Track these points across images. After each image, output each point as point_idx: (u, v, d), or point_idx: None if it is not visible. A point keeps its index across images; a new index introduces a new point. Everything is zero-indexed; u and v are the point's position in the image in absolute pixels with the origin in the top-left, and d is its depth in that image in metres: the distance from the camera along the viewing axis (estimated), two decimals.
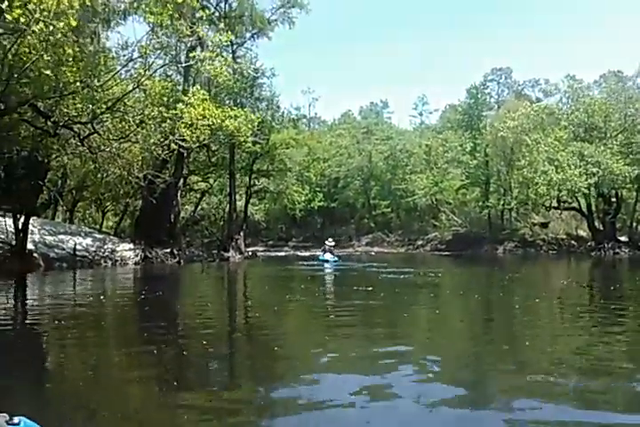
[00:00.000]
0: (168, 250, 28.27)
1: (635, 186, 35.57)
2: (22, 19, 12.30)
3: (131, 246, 27.60)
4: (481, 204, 42.00)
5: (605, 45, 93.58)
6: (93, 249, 25.72)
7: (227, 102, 27.47)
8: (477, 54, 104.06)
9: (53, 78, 13.96)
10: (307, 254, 35.83)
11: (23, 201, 20.91)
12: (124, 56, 16.26)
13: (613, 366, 6.35)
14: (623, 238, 36.65)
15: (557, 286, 16.32)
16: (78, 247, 24.55)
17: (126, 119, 16.53)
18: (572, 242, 38.71)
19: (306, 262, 27.97)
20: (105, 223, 37.69)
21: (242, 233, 34.96)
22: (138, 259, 26.95)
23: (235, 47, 30.99)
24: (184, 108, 17.87)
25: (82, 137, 16.45)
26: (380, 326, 8.99)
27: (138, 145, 19.01)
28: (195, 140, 19.00)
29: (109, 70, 15.35)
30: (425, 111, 70.04)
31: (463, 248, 38.36)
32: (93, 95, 14.88)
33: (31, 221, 22.26)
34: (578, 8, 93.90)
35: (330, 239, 32.71)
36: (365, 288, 14.50)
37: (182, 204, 34.18)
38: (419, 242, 45.10)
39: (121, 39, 16.35)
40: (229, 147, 31.41)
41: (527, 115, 35.77)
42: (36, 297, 14.19)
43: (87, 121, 15.63)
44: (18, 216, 21.19)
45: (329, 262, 27.42)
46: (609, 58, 78.06)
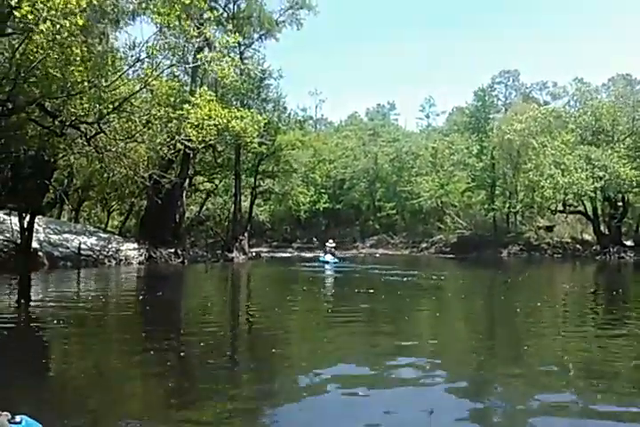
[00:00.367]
0: (172, 250, 28.33)
1: None
2: (30, 16, 12.34)
3: (135, 246, 27.67)
4: (486, 206, 41.89)
5: (613, 45, 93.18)
6: (98, 248, 25.80)
7: (234, 103, 27.50)
8: (485, 56, 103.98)
9: (61, 78, 13.98)
10: (311, 256, 35.81)
11: (29, 200, 20.87)
12: (132, 56, 16.29)
13: (615, 369, 6.32)
14: (629, 243, 36.48)
15: (560, 290, 16.25)
16: (83, 246, 24.61)
17: (133, 119, 16.50)
18: (578, 246, 38.53)
19: (307, 264, 28.04)
20: (110, 223, 37.77)
21: (246, 234, 34.99)
22: (142, 258, 27.02)
23: (242, 48, 31.04)
24: (190, 108, 17.87)
25: (88, 137, 16.42)
26: (380, 329, 8.97)
27: (144, 145, 18.98)
28: (201, 140, 18.94)
29: (117, 70, 15.34)
30: (432, 113, 70.01)
31: (468, 251, 38.25)
32: (100, 95, 14.86)
33: (36, 219, 22.24)
34: (584, 8, 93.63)
35: (330, 241, 32.87)
36: (367, 290, 14.47)
37: (187, 204, 34.23)
38: (423, 244, 45.02)
39: (129, 39, 16.35)
40: (235, 147, 31.47)
41: (534, 118, 35.65)
42: (40, 296, 14.26)
43: (94, 121, 15.60)
44: (23, 215, 21.19)
45: (329, 264, 27.61)
46: (616, 57, 77.30)
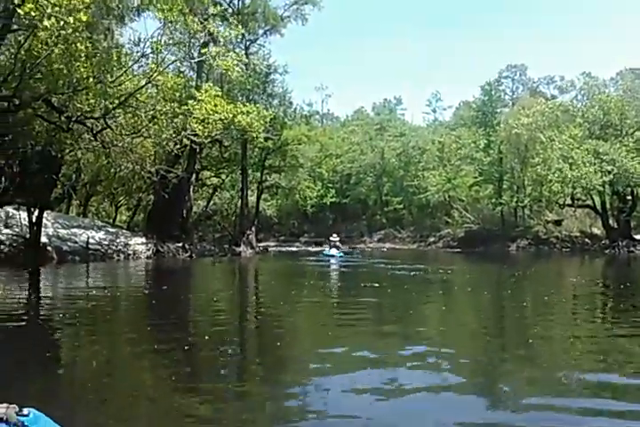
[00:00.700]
0: (180, 244, 28.51)
1: None
2: (34, 13, 12.45)
3: (143, 240, 27.85)
4: (494, 201, 41.75)
5: (615, 45, 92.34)
6: (106, 243, 25.99)
7: (239, 98, 27.53)
8: (487, 54, 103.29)
9: (66, 73, 14.13)
10: (318, 250, 35.90)
11: (37, 195, 21.16)
12: (137, 52, 16.40)
13: (623, 362, 6.34)
14: (638, 237, 36.26)
15: (569, 284, 16.20)
16: (91, 241, 24.79)
17: (138, 114, 16.66)
18: (586, 240, 38.36)
19: (313, 258, 28.19)
20: (118, 217, 38.01)
21: (253, 228, 35.11)
22: (150, 253, 27.19)
23: (248, 44, 31.09)
24: (196, 103, 17.97)
25: (95, 132, 16.61)
26: (385, 323, 9.01)
27: (150, 140, 19.17)
28: (207, 135, 19.11)
29: (122, 66, 15.46)
30: (439, 108, 69.77)
31: (475, 245, 38.19)
32: (106, 90, 14.99)
33: (45, 214, 22.54)
34: (584, 8, 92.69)
35: (335, 235, 33.09)
36: (373, 284, 14.50)
37: (194, 199, 34.38)
38: (431, 239, 44.99)
39: (134, 35, 16.47)
40: (242, 142, 31.55)
41: (542, 112, 35.46)
42: (50, 290, 14.39)
43: (100, 116, 15.77)
44: (32, 210, 21.47)
45: (334, 257, 27.78)
46: (619, 57, 76.92)
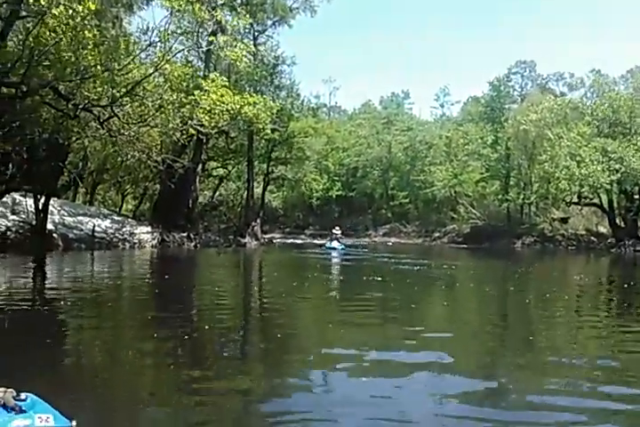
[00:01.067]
0: (185, 234, 28.61)
1: None
2: (43, 1, 12.48)
3: (149, 229, 27.97)
4: (500, 197, 41.59)
5: (623, 43, 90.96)
6: (112, 231, 26.12)
7: (247, 89, 27.46)
8: (501, 46, 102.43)
9: (74, 61, 14.15)
10: (322, 243, 35.94)
11: (44, 182, 21.27)
12: (145, 41, 16.40)
13: (625, 360, 6.36)
14: None
15: (571, 282, 16.16)
16: (97, 229, 24.93)
17: (145, 104, 16.66)
18: (592, 238, 38.14)
19: (316, 250, 28.42)
20: (124, 206, 38.13)
21: (259, 220, 35.18)
22: (155, 242, 27.32)
23: (256, 34, 31.01)
24: (202, 94, 17.95)
25: (102, 120, 16.63)
26: (387, 317, 9.01)
27: (157, 129, 19.19)
28: (213, 125, 19.10)
29: (130, 54, 15.46)
30: (447, 103, 69.32)
31: (481, 241, 38.08)
32: (113, 79, 15.02)
33: (51, 202, 22.67)
34: (596, 6, 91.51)
35: (337, 228, 33.56)
36: (376, 278, 14.53)
37: (200, 189, 34.47)
38: (436, 234, 44.85)
39: (142, 24, 16.46)
40: (248, 134, 31.54)
41: (550, 109, 35.19)
42: (55, 277, 14.50)
43: (107, 104, 15.79)
44: (39, 197, 21.60)
45: (335, 250, 28.26)
46: (630, 54, 75.84)
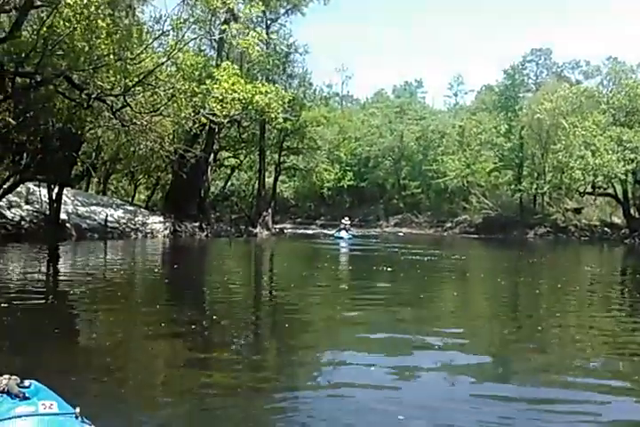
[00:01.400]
0: (197, 224, 28.75)
1: None
2: None
3: (161, 219, 28.13)
4: (513, 187, 41.30)
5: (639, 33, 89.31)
6: (124, 221, 26.29)
7: (259, 78, 27.39)
8: (516, 34, 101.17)
9: (87, 50, 14.19)
10: (333, 232, 36.05)
11: (57, 172, 21.42)
12: (158, 30, 16.38)
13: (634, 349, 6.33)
14: None
15: (584, 273, 16.05)
16: (110, 219, 25.09)
17: (157, 93, 16.70)
18: (606, 229, 37.84)
19: (326, 241, 28.91)
20: (137, 196, 38.36)
21: (270, 210, 35.26)
22: (167, 232, 27.49)
23: (269, 23, 30.88)
24: (214, 82, 17.94)
25: (114, 110, 16.69)
26: (396, 307, 8.97)
27: (169, 119, 19.22)
28: (225, 114, 19.10)
29: (142, 43, 15.46)
30: (460, 91, 68.81)
31: (493, 232, 37.92)
32: (126, 68, 15.04)
33: (65, 191, 22.84)
34: None
35: (346, 218, 34.28)
36: (386, 268, 14.52)
37: (212, 179, 34.58)
38: (448, 224, 44.72)
39: (155, 12, 16.44)
40: (260, 123, 31.52)
41: (565, 97, 34.80)
42: (68, 266, 14.61)
43: (119, 94, 15.83)
44: (52, 186, 21.76)
45: (343, 240, 29.15)
46: None
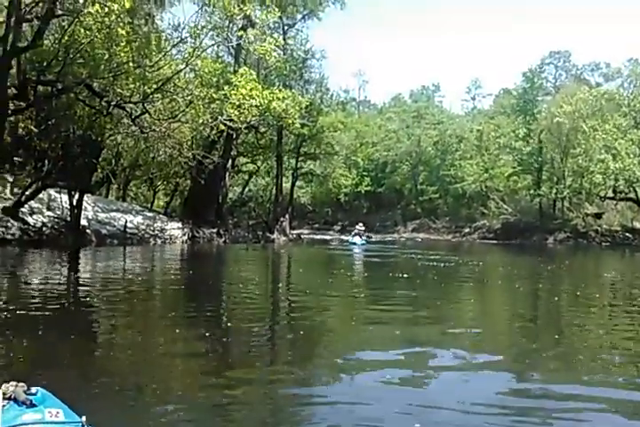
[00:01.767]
0: (215, 230, 28.93)
1: None
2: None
3: (179, 225, 28.36)
4: (532, 192, 40.85)
5: None
6: (143, 227, 26.53)
7: (276, 84, 27.57)
8: (535, 36, 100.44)
9: (107, 58, 14.41)
10: (348, 238, 36.05)
11: (78, 178, 21.71)
12: (177, 37, 16.60)
13: None
14: None
15: (604, 279, 15.76)
16: (129, 225, 25.34)
17: (176, 99, 16.89)
18: (627, 234, 37.24)
19: (341, 246, 29.41)
20: (156, 202, 38.68)
21: (287, 215, 35.35)
22: (186, 238, 27.69)
23: (286, 28, 31.06)
24: (231, 89, 18.09)
25: (133, 117, 16.92)
26: (410, 313, 8.90)
27: (187, 125, 19.43)
28: (242, 120, 19.26)
29: (161, 51, 15.66)
30: (478, 95, 68.45)
31: (512, 237, 37.57)
32: (145, 75, 15.24)
33: (85, 197, 23.12)
34: None
35: (360, 224, 35.02)
36: (402, 275, 14.44)
37: (230, 185, 34.80)
38: (466, 229, 44.37)
39: (173, 20, 16.64)
40: (277, 129, 31.66)
41: (585, 100, 34.44)
42: (88, 272, 14.76)
43: (138, 101, 16.05)
44: (73, 193, 22.04)
45: (357, 245, 30.07)
46: None
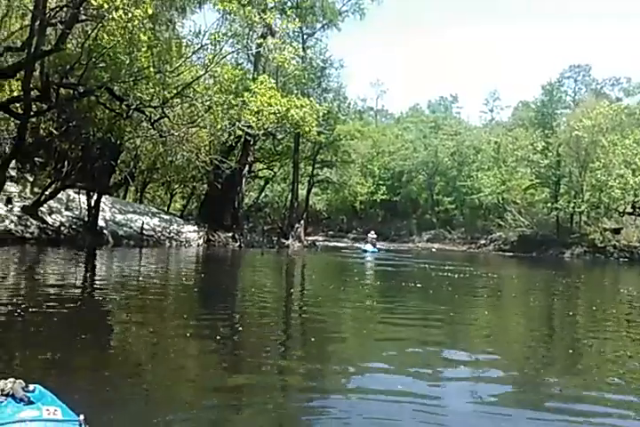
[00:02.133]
0: (230, 234, 29.10)
1: None
2: (106, 5, 12.98)
3: (195, 229, 28.59)
4: (549, 205, 40.47)
5: None
6: (159, 229, 26.80)
7: (294, 92, 27.75)
8: (555, 49, 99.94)
9: (128, 63, 14.66)
10: (360, 246, 36.08)
11: (97, 180, 22.05)
12: (197, 44, 16.82)
13: None
14: None
15: (621, 296, 15.53)
16: (145, 227, 25.61)
17: (195, 105, 17.10)
18: None
19: (354, 254, 29.37)
20: (172, 205, 39.05)
21: (302, 222, 35.42)
22: (201, 241, 27.90)
23: (305, 37, 31.31)
24: (251, 95, 18.26)
25: (153, 121, 17.16)
26: (424, 325, 8.86)
27: (205, 130, 19.64)
28: (260, 127, 19.42)
29: (181, 56, 15.89)
30: (496, 107, 68.22)
31: (528, 250, 37.20)
32: (165, 80, 15.47)
33: (103, 199, 23.45)
34: None
35: (372, 232, 35.69)
36: (415, 285, 14.40)
37: (246, 190, 34.99)
38: (482, 241, 44.06)
39: (194, 27, 16.90)
40: (294, 136, 31.83)
41: (605, 114, 34.14)
42: (103, 272, 14.96)
43: (158, 105, 16.27)
44: (91, 194, 22.38)
45: (368, 252, 30.65)
46: None
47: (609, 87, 52.80)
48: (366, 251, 31.28)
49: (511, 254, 37.22)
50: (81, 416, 2.35)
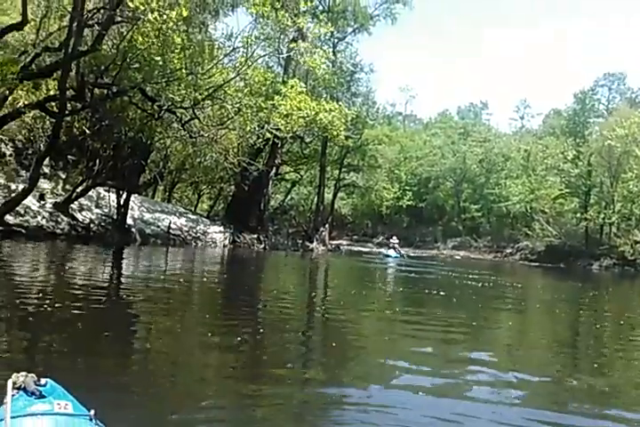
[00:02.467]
0: (255, 236, 29.28)
1: None
2: (142, 7, 13.23)
3: (221, 229, 28.84)
4: (579, 215, 39.72)
5: None
6: (186, 229, 27.11)
7: (323, 96, 27.84)
8: (589, 56, 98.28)
9: (161, 64, 14.89)
10: (382, 251, 35.92)
11: (127, 179, 22.43)
12: (229, 46, 17.02)
13: None
14: None
15: None
16: (172, 226, 25.93)
17: (225, 107, 17.27)
18: None
19: (377, 259, 29.35)
20: (200, 206, 39.47)
21: (327, 226, 35.45)
22: (226, 242, 28.13)
23: (336, 41, 31.38)
24: (281, 99, 18.38)
25: (183, 122, 17.38)
26: (447, 334, 8.77)
27: (235, 132, 19.82)
28: (289, 130, 19.52)
29: (213, 59, 16.08)
30: (527, 115, 67.36)
31: (555, 261, 36.55)
32: (197, 82, 15.67)
33: (132, 197, 23.82)
34: None
35: (394, 237, 35.48)
36: (439, 293, 14.28)
37: (273, 193, 35.18)
38: (508, 250, 43.45)
39: (226, 29, 17.09)
40: (322, 140, 31.91)
41: (639, 124, 33.42)
42: (129, 270, 15.18)
43: (189, 106, 16.49)
44: (121, 192, 22.77)
45: (390, 257, 30.87)
46: None
47: None
48: (389, 256, 31.32)
49: (537, 264, 36.62)
50: (92, 411, 2.36)
